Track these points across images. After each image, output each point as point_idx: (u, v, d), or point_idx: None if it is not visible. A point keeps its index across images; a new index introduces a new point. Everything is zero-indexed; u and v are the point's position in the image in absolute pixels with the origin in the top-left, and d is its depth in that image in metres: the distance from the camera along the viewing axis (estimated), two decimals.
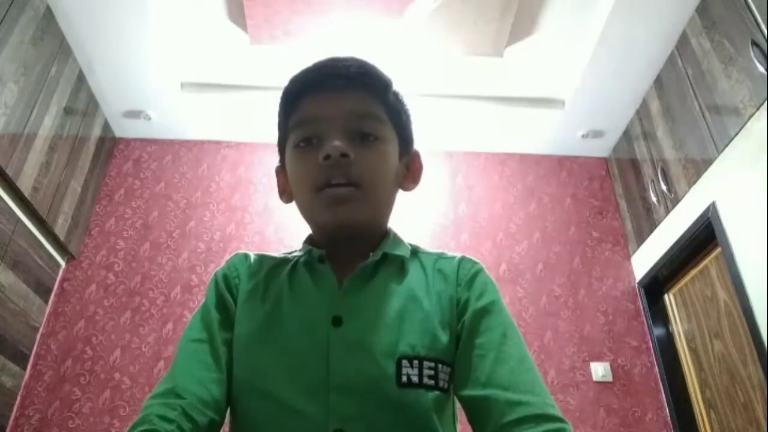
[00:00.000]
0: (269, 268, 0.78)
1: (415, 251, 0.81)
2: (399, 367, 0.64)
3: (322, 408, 0.63)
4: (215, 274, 0.79)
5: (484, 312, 0.70)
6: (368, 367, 0.64)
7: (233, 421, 0.70)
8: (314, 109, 0.73)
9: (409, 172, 0.82)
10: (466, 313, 0.71)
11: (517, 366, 0.65)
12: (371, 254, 0.74)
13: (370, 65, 0.76)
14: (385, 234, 0.80)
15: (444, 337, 0.69)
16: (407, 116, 0.81)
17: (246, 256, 0.80)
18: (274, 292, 0.74)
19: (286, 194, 0.82)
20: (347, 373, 0.64)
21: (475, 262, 0.78)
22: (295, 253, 0.80)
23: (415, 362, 0.65)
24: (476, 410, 0.64)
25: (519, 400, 0.60)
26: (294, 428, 0.63)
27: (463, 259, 0.78)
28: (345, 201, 0.70)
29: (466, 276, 0.75)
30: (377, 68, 0.76)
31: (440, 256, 0.80)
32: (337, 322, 0.68)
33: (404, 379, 0.64)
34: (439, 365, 0.67)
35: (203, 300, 0.77)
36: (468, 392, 0.65)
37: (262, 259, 0.80)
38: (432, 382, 0.65)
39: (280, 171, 0.83)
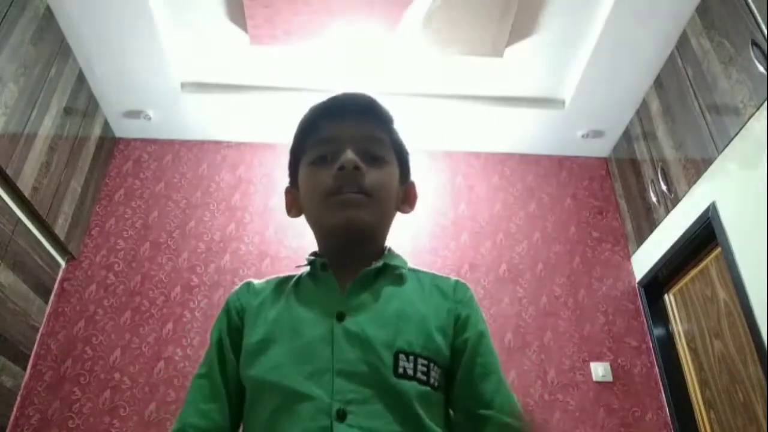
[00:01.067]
0: (275, 284, 0.86)
1: (412, 269, 0.89)
2: (396, 359, 0.71)
3: (327, 390, 0.69)
4: (222, 307, 0.87)
5: (484, 335, 0.80)
6: (369, 356, 0.71)
7: (246, 423, 0.77)
8: (331, 131, 0.83)
9: (406, 198, 0.92)
10: (468, 331, 0.79)
11: (510, 392, 0.78)
12: (373, 263, 0.81)
13: (378, 101, 0.87)
14: (385, 250, 0.88)
15: (439, 340, 0.76)
16: (406, 150, 0.91)
17: (248, 284, 0.88)
18: (281, 301, 0.82)
19: (294, 210, 0.89)
20: (350, 360, 0.71)
21: (469, 288, 0.87)
22: (300, 270, 0.88)
23: (411, 357, 0.72)
24: (475, 424, 0.74)
25: (512, 426, 0.73)
26: (302, 410, 0.68)
27: (458, 281, 0.87)
28: (356, 205, 0.78)
29: (464, 297, 0.84)
30: (383, 105, 0.88)
31: (436, 275, 0.89)
32: (340, 317, 0.75)
33: (401, 370, 0.71)
34: (432, 364, 0.74)
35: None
36: (473, 409, 0.75)
37: (267, 280, 0.89)
38: (424, 378, 0.72)
39: (289, 191, 0.91)
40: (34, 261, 2.37)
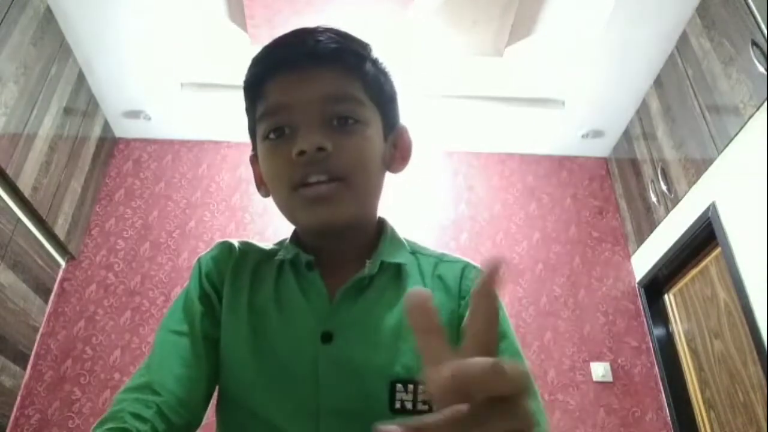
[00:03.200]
0: (254, 264, 0.72)
1: (413, 251, 0.74)
2: (392, 390, 0.60)
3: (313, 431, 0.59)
4: (199, 261, 0.72)
5: (504, 336, 0.66)
6: (360, 390, 0.60)
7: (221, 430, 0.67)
8: (283, 95, 0.65)
9: (397, 151, 0.72)
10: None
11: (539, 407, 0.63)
12: (367, 262, 0.68)
13: (343, 35, 0.67)
14: (379, 229, 0.74)
15: None
16: (390, 87, 0.71)
17: (231, 249, 0.73)
18: (261, 299, 0.68)
19: (263, 187, 0.72)
20: (338, 396, 0.60)
21: (480, 271, 0.72)
22: (281, 254, 0.72)
23: (410, 386, 0.60)
24: None
25: None
26: None
27: (466, 267, 0.71)
28: (327, 199, 0.62)
29: (469, 289, 0.68)
30: (352, 37, 0.68)
31: (441, 259, 0.73)
32: (326, 338, 0.63)
33: (398, 405, 0.59)
34: None
35: (185, 286, 0.72)
36: None
37: (247, 251, 0.74)
38: (426, 407, 0.60)
39: (255, 161, 0.73)
40: (34, 261, 2.37)
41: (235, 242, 0.75)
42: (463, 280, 0.69)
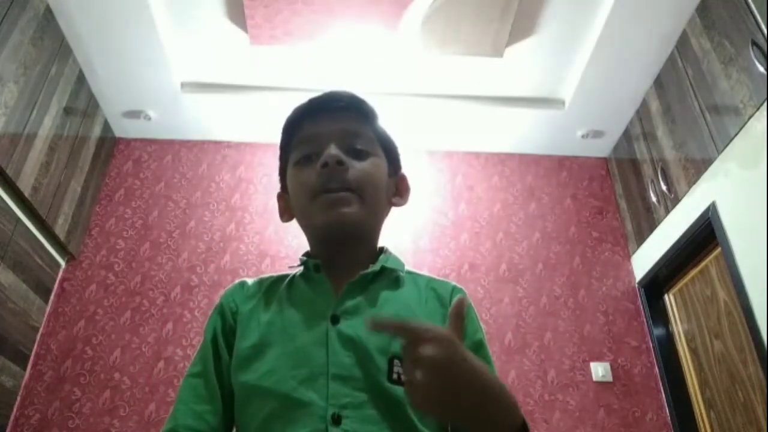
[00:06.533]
0: (268, 286, 0.85)
1: (409, 272, 0.87)
2: (391, 364, 0.70)
3: (322, 394, 0.68)
4: (215, 307, 0.85)
5: (481, 345, 0.79)
6: (363, 360, 0.70)
7: (238, 428, 0.76)
8: (313, 128, 0.82)
9: (398, 190, 0.90)
10: (465, 342, 0.75)
11: None
12: (371, 266, 0.80)
13: (361, 97, 0.87)
14: (380, 250, 0.87)
15: None
16: (394, 145, 0.90)
17: (242, 284, 0.86)
18: (274, 304, 0.80)
19: (286, 214, 0.89)
20: (345, 364, 0.70)
21: (466, 295, 0.85)
22: (293, 270, 0.87)
23: None
24: None
25: None
26: (297, 416, 0.68)
27: (455, 288, 0.86)
28: (342, 203, 0.77)
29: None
30: (367, 101, 0.88)
31: (432, 279, 0.87)
32: (335, 320, 0.74)
33: (395, 375, 0.70)
34: None
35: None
36: None
37: (260, 281, 0.87)
38: None
39: (281, 196, 0.91)
40: (34, 261, 2.37)
41: (248, 279, 0.88)
42: (454, 297, 0.83)
